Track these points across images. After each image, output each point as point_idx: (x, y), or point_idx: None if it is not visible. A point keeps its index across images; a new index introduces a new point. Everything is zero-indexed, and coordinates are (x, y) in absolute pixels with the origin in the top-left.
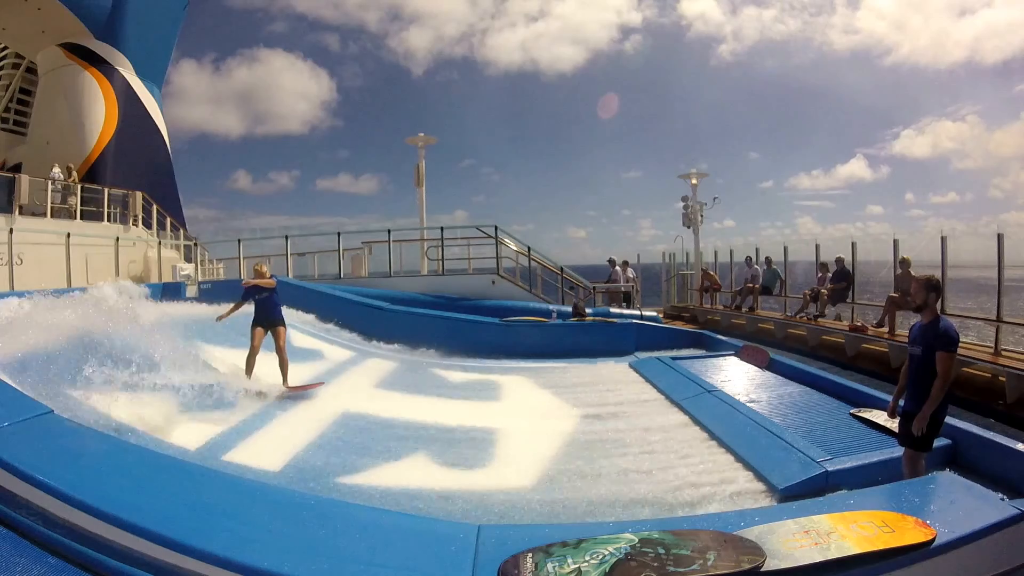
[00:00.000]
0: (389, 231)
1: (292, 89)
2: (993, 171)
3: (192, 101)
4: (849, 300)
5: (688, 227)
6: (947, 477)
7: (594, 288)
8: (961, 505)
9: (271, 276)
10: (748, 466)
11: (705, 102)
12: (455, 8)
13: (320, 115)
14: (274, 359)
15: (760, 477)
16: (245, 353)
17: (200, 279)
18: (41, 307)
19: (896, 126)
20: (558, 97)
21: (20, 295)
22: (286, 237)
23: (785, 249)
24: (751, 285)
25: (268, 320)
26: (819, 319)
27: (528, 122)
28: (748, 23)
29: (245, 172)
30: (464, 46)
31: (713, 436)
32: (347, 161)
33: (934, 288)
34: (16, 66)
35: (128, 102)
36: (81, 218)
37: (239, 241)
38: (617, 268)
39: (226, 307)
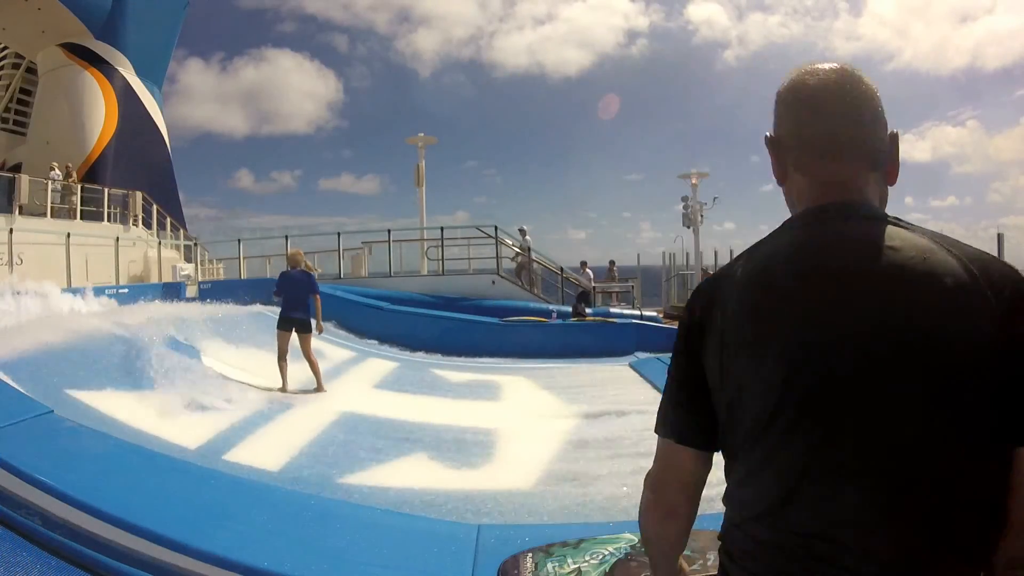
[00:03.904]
0: (389, 231)
1: (299, 89)
2: (993, 175)
3: (198, 100)
4: None
5: (688, 227)
6: None
7: (594, 288)
8: None
9: (302, 267)
10: None
11: (708, 106)
12: (464, 10)
13: (326, 115)
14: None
15: None
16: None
17: (200, 279)
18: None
19: (896, 130)
20: (563, 100)
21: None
22: (286, 237)
23: None
24: None
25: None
26: None
27: (532, 124)
28: (753, 28)
29: (247, 171)
30: (471, 48)
31: None
32: (350, 161)
33: None
34: (16, 66)
35: (128, 102)
36: (81, 218)
37: (239, 241)
38: (588, 270)
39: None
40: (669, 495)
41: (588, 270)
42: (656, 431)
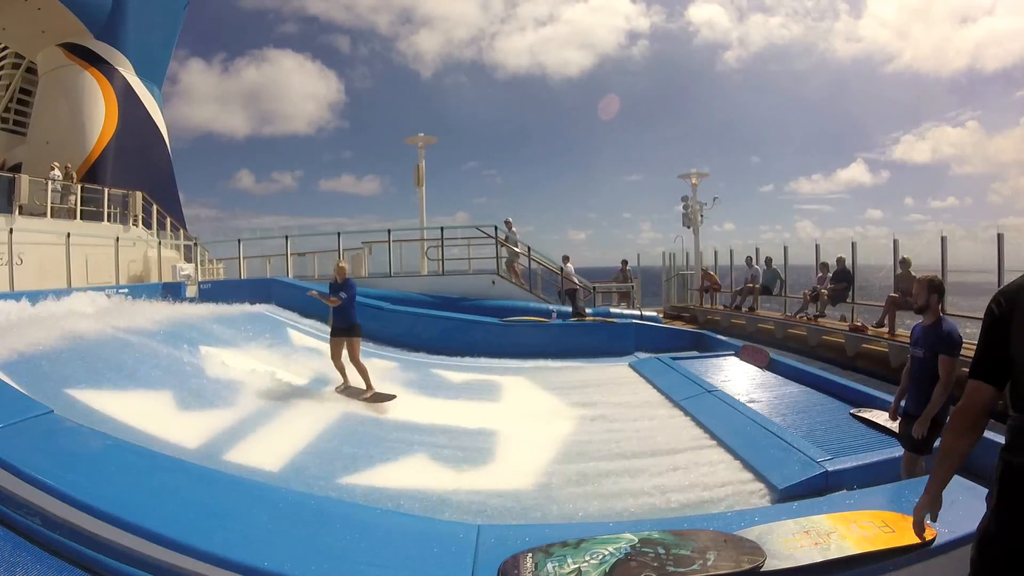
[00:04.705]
0: (389, 231)
1: (300, 90)
2: (992, 176)
3: (198, 100)
4: (849, 300)
5: (688, 227)
6: None
7: (594, 288)
8: (961, 505)
9: (347, 277)
10: (748, 466)
11: (709, 107)
12: (466, 12)
13: (327, 116)
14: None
15: (760, 477)
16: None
17: (200, 279)
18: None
19: (896, 131)
20: (563, 101)
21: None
22: (286, 237)
23: (785, 250)
24: (751, 285)
25: (342, 328)
26: (819, 319)
27: (532, 125)
28: (754, 29)
29: (248, 172)
30: (473, 49)
31: (713, 436)
32: (351, 162)
33: (936, 289)
34: (16, 66)
35: (128, 102)
36: (81, 218)
37: (239, 241)
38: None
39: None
40: (972, 415)
41: (569, 264)
42: (970, 376)
